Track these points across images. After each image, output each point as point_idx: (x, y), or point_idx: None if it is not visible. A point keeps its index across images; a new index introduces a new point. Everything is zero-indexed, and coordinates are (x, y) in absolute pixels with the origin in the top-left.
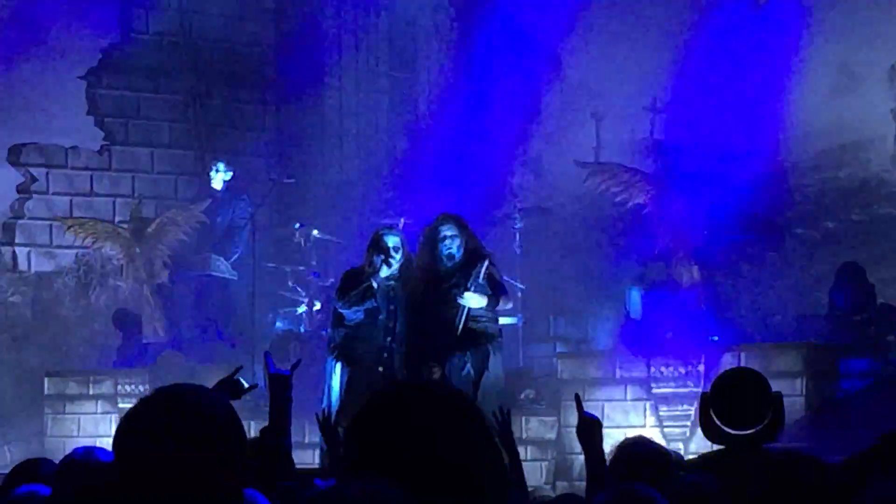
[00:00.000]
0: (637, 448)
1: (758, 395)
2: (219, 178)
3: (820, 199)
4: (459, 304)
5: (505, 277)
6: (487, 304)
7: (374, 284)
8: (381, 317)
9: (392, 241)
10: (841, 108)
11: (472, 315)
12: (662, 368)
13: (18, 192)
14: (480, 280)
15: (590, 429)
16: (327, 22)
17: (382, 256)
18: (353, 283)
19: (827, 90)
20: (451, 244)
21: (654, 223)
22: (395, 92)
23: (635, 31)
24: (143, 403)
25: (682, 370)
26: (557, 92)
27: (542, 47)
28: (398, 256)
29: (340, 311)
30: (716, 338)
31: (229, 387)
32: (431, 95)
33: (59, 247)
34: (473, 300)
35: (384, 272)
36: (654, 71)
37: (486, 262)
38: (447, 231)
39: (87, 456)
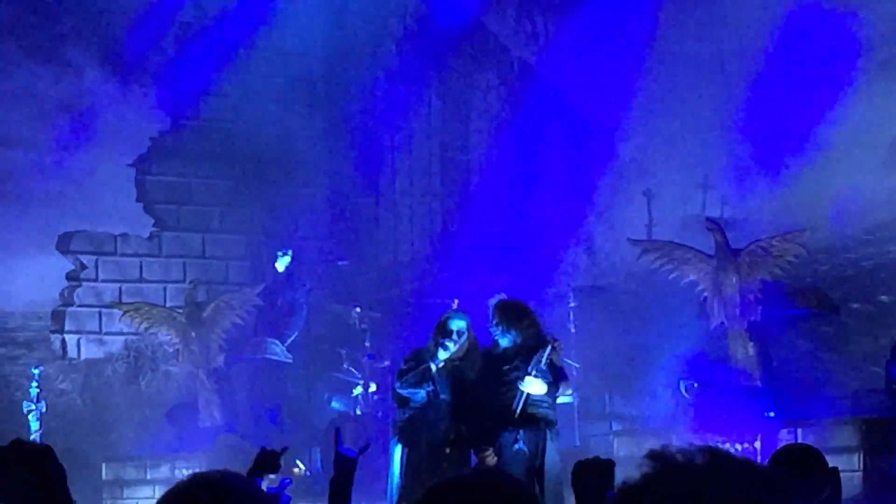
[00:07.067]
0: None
1: (815, 471)
2: (283, 262)
3: (874, 273)
4: (518, 388)
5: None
6: (547, 392)
7: (433, 368)
8: (443, 397)
9: (457, 324)
10: (893, 182)
11: (532, 400)
12: (719, 445)
13: (68, 279)
14: (542, 365)
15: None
16: (379, 105)
17: (441, 339)
18: (414, 365)
19: (878, 165)
20: (495, 332)
21: (708, 299)
22: (447, 172)
23: (686, 109)
24: (177, 489)
25: (739, 447)
26: (609, 170)
27: (593, 126)
28: (461, 340)
29: (398, 391)
30: (772, 414)
31: (269, 459)
32: (484, 175)
33: (108, 333)
34: (534, 386)
35: (441, 355)
36: (705, 148)
37: (549, 349)
38: (493, 319)
39: None
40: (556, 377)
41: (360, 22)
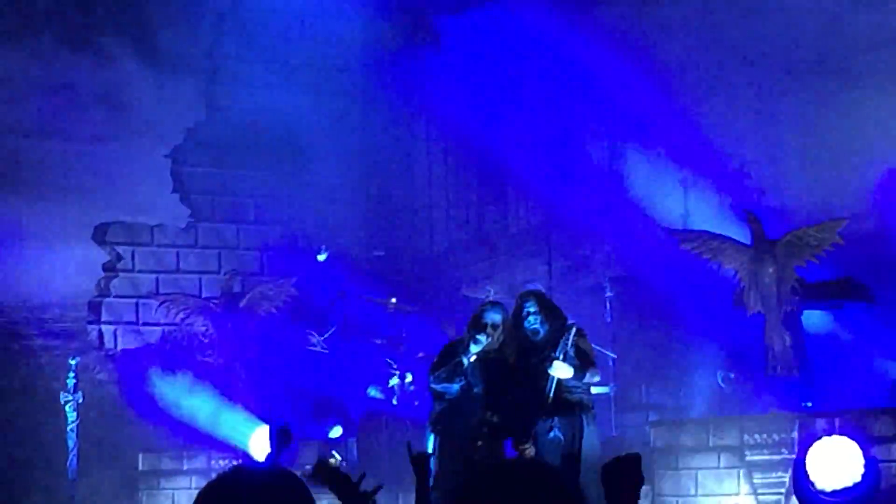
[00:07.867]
0: None
1: (852, 461)
2: (321, 257)
3: None
4: (548, 375)
5: (596, 346)
6: (575, 375)
7: (465, 361)
8: (476, 390)
9: (491, 317)
10: None
11: (565, 386)
12: (756, 435)
13: (104, 270)
14: (569, 349)
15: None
16: (413, 93)
17: (473, 333)
18: (447, 359)
19: None
20: (535, 320)
21: (745, 289)
22: (483, 161)
23: (722, 97)
24: (218, 480)
25: (776, 437)
26: (646, 160)
27: (630, 115)
28: (496, 333)
29: (432, 387)
30: (809, 404)
31: (328, 474)
32: (520, 164)
33: (145, 324)
34: (561, 370)
35: (473, 349)
36: (741, 137)
37: (573, 332)
38: (529, 307)
39: None
40: (583, 360)
41: (395, 12)
